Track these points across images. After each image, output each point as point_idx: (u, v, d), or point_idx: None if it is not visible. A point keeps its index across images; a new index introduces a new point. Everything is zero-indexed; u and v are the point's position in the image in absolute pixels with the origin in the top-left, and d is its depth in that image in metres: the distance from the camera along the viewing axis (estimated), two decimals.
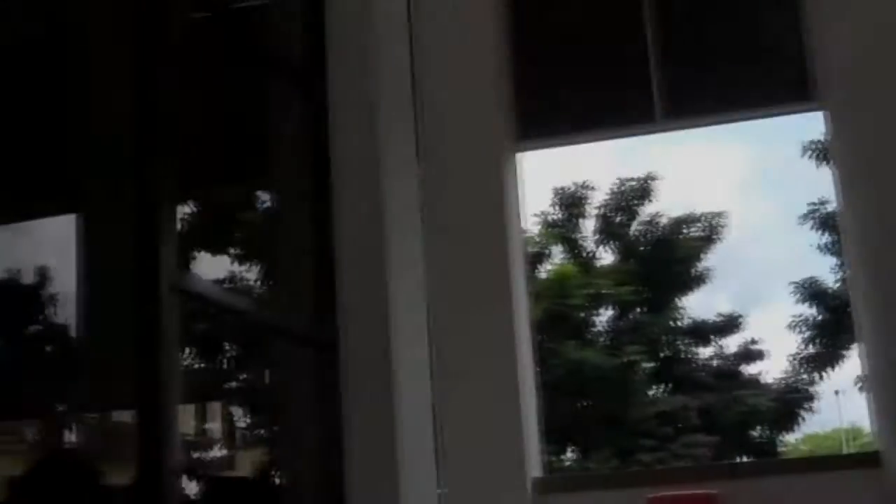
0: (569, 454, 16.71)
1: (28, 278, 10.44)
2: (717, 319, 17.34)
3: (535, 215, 17.81)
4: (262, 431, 15.00)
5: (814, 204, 16.71)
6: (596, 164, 26.21)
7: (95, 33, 4.23)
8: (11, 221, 5.11)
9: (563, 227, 18.00)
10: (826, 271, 17.23)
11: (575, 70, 5.10)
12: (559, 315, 16.43)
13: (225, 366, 14.41)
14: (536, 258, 17.07)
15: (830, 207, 15.62)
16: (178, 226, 2.37)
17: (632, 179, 17.76)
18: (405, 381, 3.13)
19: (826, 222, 16.37)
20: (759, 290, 26.20)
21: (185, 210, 12.14)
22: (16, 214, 5.01)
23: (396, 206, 3.29)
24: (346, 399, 3.00)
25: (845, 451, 17.41)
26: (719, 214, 17.40)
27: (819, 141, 15.94)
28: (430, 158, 4.30)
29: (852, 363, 16.45)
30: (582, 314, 17.25)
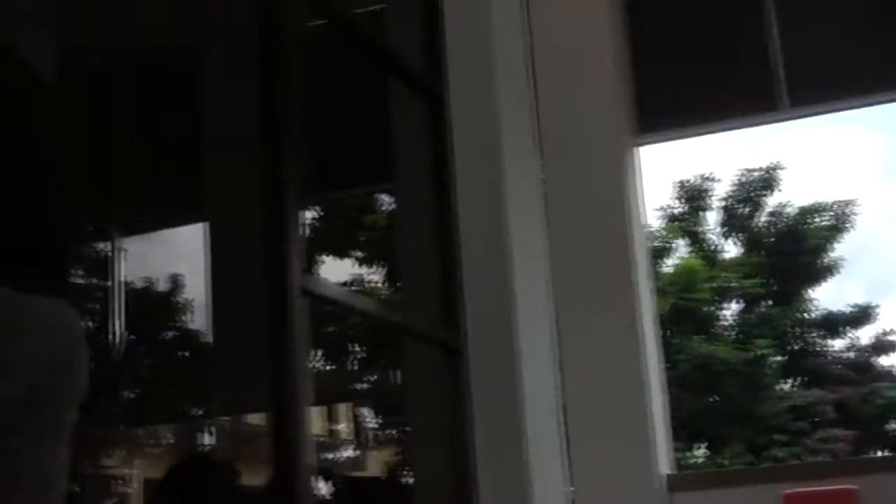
0: (700, 450, 16.47)
1: (162, 286, 10.78)
2: (850, 310, 16.86)
3: (658, 209, 17.62)
4: (392, 432, 15.16)
5: None
6: (719, 156, 25.78)
7: (220, 45, 4.33)
8: (146, 232, 5.28)
9: (686, 220, 17.75)
10: None
11: (696, 58, 5.02)
12: (685, 310, 16.21)
13: (353, 367, 14.60)
14: (660, 253, 16.88)
15: None
16: (305, 230, 2.41)
17: (756, 170, 17.43)
18: (532, 380, 3.13)
19: None
20: (892, 280, 25.41)
21: (310, 214, 12.36)
22: (150, 225, 5.17)
23: (519, 204, 3.29)
24: (475, 399, 3.01)
25: None
26: (849, 202, 16.93)
27: None
28: (551, 155, 4.27)
29: None
30: (708, 308, 16.98)
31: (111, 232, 2.41)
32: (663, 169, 19.39)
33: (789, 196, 17.31)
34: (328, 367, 14.16)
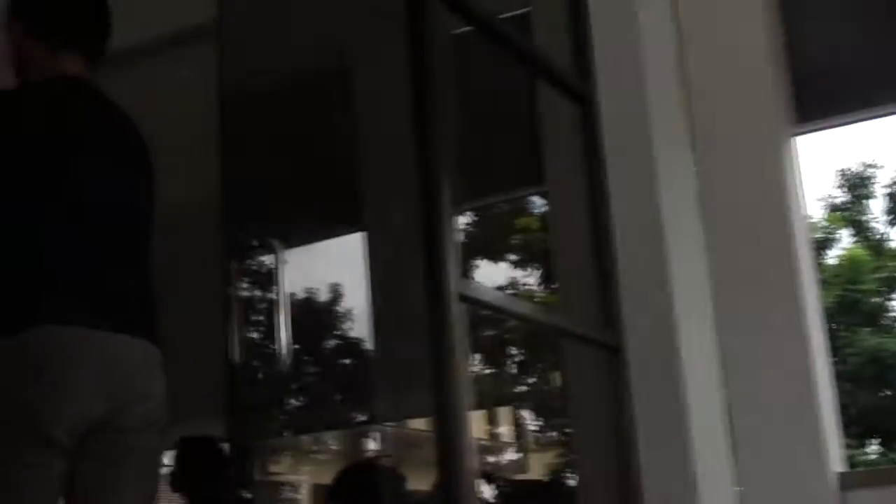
0: (872, 447, 15.93)
1: (324, 296, 11.07)
2: None
3: (819, 199, 17.16)
4: (552, 434, 15.15)
5: None
6: (881, 141, 24.91)
7: (370, 59, 4.42)
8: (306, 244, 5.42)
9: (849, 209, 17.22)
10: None
11: (854, 42, 4.86)
12: (851, 301, 15.74)
13: (511, 370, 14.65)
14: (823, 244, 16.43)
15: None
16: (459, 236, 2.44)
17: None
18: (694, 379, 3.09)
19: None
20: None
21: (463, 220, 12.48)
22: (310, 237, 5.31)
23: (673, 200, 3.25)
24: (636, 399, 2.98)
25: None
26: None
27: None
28: (705, 149, 4.20)
29: None
30: (876, 299, 16.43)
31: (274, 245, 2.49)
32: (824, 157, 18.83)
33: None
34: (487, 371, 14.24)
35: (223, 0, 4.58)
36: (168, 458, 5.84)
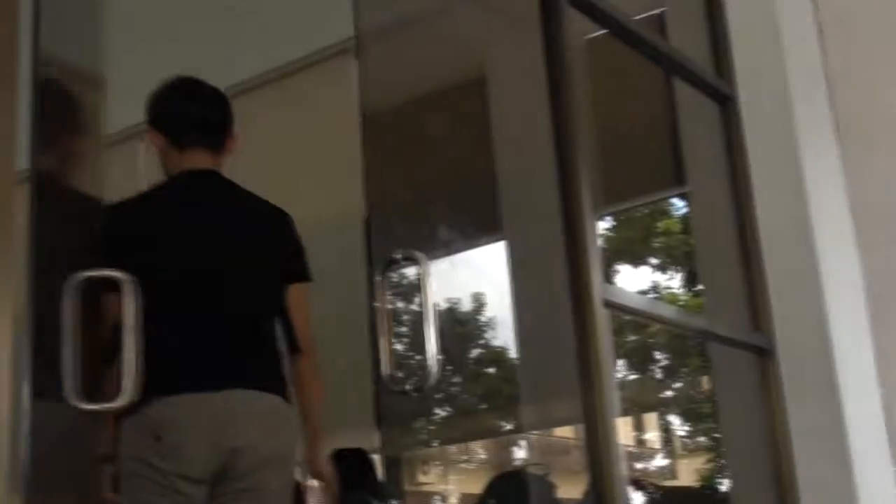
0: None
1: (468, 306, 11.14)
2: None
3: None
4: (702, 439, 14.88)
5: None
6: None
7: (507, 68, 4.44)
8: (451, 254, 5.48)
9: None
10: None
11: None
12: None
13: (657, 375, 14.46)
14: None
15: None
16: (601, 241, 2.44)
17: None
18: (850, 379, 3.00)
19: None
20: None
21: (604, 224, 12.40)
22: (454, 246, 5.36)
23: (821, 197, 3.17)
24: (790, 401, 2.92)
25: None
26: None
27: None
28: (853, 143, 4.09)
29: None
30: None
31: (419, 257, 2.53)
32: None
33: None
34: (633, 376, 14.09)
35: (359, 19, 4.68)
36: None
